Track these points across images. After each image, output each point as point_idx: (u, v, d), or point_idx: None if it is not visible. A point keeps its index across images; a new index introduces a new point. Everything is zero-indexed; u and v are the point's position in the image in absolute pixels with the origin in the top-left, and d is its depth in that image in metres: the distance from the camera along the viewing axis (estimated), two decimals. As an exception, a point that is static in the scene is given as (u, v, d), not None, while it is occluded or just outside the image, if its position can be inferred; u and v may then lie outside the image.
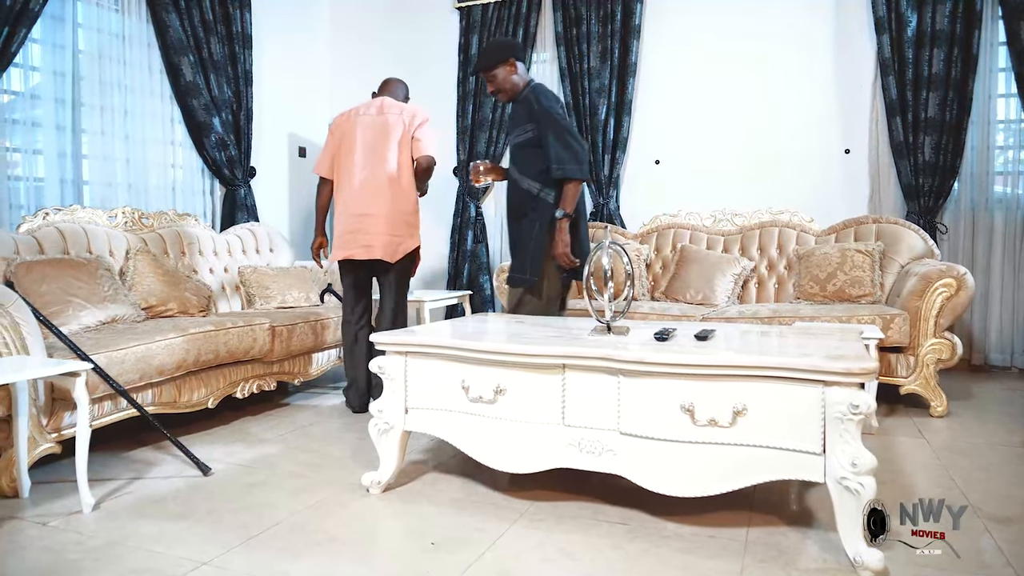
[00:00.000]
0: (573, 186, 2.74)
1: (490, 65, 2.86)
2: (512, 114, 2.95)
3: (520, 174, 2.85)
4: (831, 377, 1.66)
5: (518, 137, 2.86)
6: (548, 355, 1.94)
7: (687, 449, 1.81)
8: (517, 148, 2.87)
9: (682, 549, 1.78)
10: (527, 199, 2.83)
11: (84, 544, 1.83)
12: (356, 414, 3.18)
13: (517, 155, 2.88)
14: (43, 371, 2.01)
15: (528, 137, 2.80)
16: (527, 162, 2.82)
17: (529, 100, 2.81)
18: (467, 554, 1.76)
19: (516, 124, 2.88)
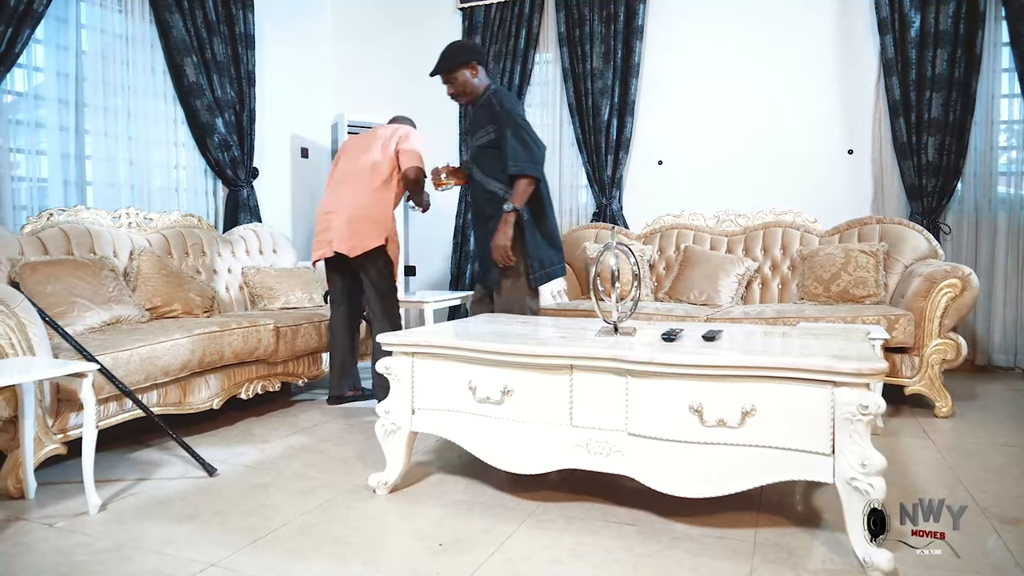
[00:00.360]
0: (526, 183, 2.76)
1: (451, 68, 2.84)
2: (473, 118, 2.93)
3: (484, 176, 2.85)
4: (840, 378, 1.66)
5: (480, 139, 2.86)
6: (556, 356, 1.94)
7: (696, 450, 1.80)
8: (480, 150, 2.86)
9: (692, 550, 1.78)
10: (493, 201, 2.83)
11: (92, 546, 1.83)
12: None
13: (480, 157, 2.87)
14: (49, 372, 2.01)
15: (491, 139, 2.81)
16: (490, 164, 2.82)
17: (491, 103, 2.83)
18: (476, 555, 1.75)
19: (478, 126, 2.87)
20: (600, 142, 4.62)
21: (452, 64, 2.85)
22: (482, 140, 2.85)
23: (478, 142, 2.87)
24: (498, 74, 4.87)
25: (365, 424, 3.02)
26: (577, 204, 4.90)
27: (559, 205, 4.91)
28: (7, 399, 2.13)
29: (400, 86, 5.29)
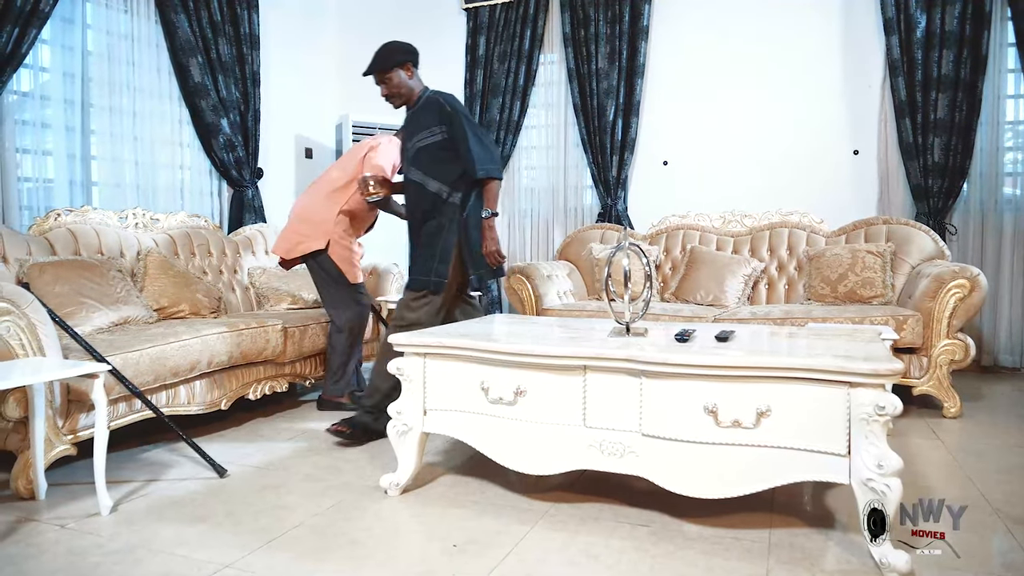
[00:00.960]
0: (496, 185, 2.76)
1: (387, 67, 2.78)
2: (412, 118, 2.86)
3: (426, 176, 2.78)
4: (857, 378, 1.65)
5: (423, 140, 2.78)
6: (570, 356, 1.94)
7: (710, 450, 1.80)
8: (423, 151, 2.78)
9: (706, 551, 1.77)
10: (434, 202, 2.77)
11: (104, 547, 1.82)
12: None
13: (421, 159, 2.79)
14: (61, 373, 2.00)
15: (436, 140, 2.75)
16: (433, 165, 2.77)
17: (437, 103, 2.78)
18: (491, 557, 1.75)
19: (420, 127, 2.80)
20: (605, 142, 4.62)
21: (387, 64, 2.79)
22: (425, 141, 2.77)
23: (420, 143, 2.79)
24: (503, 74, 4.87)
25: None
26: (582, 204, 4.90)
27: (564, 205, 4.91)
28: (18, 400, 2.12)
29: (404, 86, 5.28)
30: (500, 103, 4.88)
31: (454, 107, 2.76)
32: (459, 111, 2.76)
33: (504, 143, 4.91)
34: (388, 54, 2.80)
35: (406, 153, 2.88)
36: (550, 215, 4.96)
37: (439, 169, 2.76)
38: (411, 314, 2.75)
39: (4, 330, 2.11)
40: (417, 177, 2.81)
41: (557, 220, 4.94)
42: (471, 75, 5.00)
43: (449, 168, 2.75)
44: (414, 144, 2.81)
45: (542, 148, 4.99)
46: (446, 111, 2.74)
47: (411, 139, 2.84)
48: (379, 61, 2.81)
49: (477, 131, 2.77)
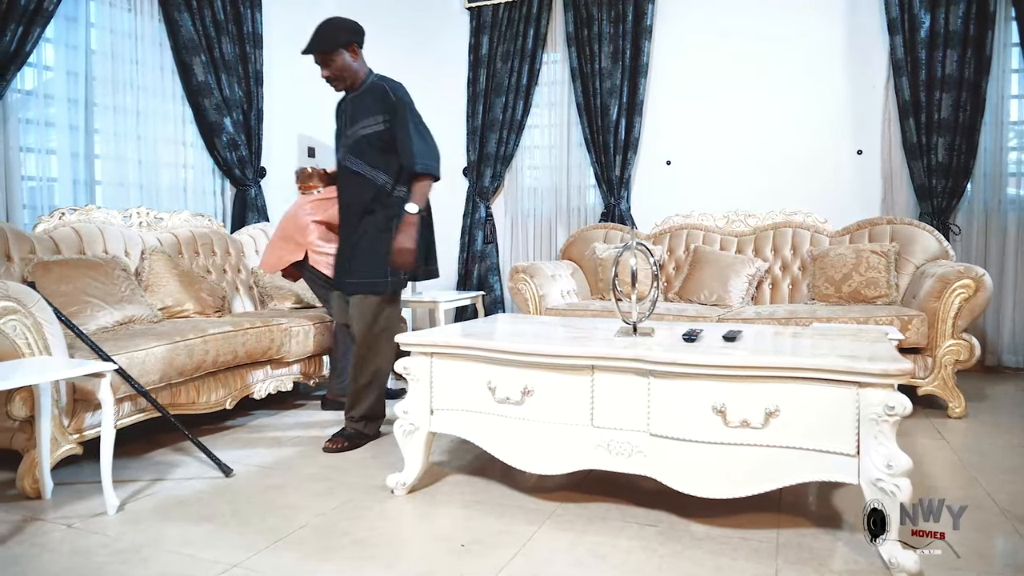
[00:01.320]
0: (429, 182, 2.60)
1: (331, 47, 2.58)
2: (353, 105, 2.67)
3: (370, 168, 2.61)
4: (866, 378, 1.65)
5: (366, 128, 2.61)
6: (578, 356, 1.93)
7: (719, 450, 1.80)
8: (364, 140, 2.61)
9: (714, 551, 1.77)
10: (377, 195, 2.61)
11: (111, 546, 1.82)
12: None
13: (363, 148, 2.62)
14: (68, 372, 2.00)
15: (380, 130, 2.59)
16: (377, 156, 2.61)
17: (384, 91, 2.63)
18: (498, 557, 1.75)
19: (364, 114, 2.62)
20: (608, 142, 4.61)
21: (331, 44, 2.58)
22: (369, 130, 2.61)
23: (363, 131, 2.61)
24: (506, 74, 4.86)
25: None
26: (585, 204, 4.89)
27: (567, 204, 4.91)
28: (24, 399, 2.12)
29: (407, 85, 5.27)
30: (503, 102, 4.87)
31: (400, 96, 2.61)
32: (405, 101, 2.61)
33: (507, 142, 4.91)
34: (332, 33, 2.60)
35: (344, 140, 2.68)
36: (553, 214, 4.96)
37: (384, 160, 2.60)
38: (377, 326, 2.63)
39: (10, 329, 2.11)
40: (359, 168, 2.62)
41: (560, 220, 4.93)
42: (474, 74, 5.00)
43: (395, 159, 2.60)
44: (356, 131, 2.63)
45: (545, 148, 4.99)
46: (390, 100, 2.60)
47: (352, 126, 2.65)
48: (322, 41, 2.60)
49: (420, 125, 2.62)
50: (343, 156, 2.70)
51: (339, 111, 2.79)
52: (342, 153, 2.71)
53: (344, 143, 2.69)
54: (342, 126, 2.73)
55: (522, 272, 3.80)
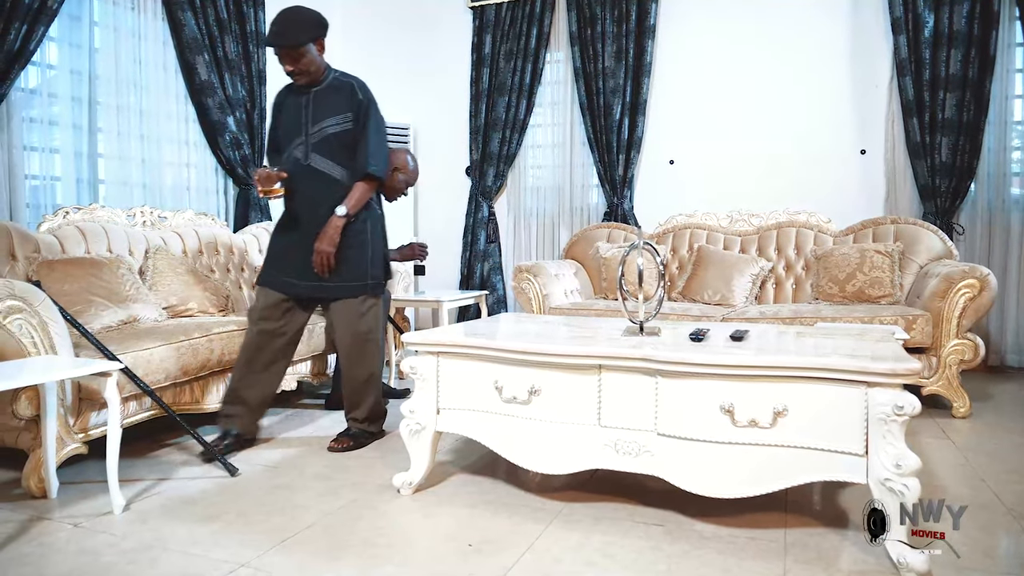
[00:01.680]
0: (373, 186, 2.57)
1: (301, 41, 2.42)
2: (319, 100, 2.54)
3: (339, 166, 2.54)
4: (875, 378, 1.65)
5: (335, 126, 2.51)
6: (585, 356, 1.93)
7: (727, 450, 1.80)
8: (333, 138, 2.52)
9: (722, 551, 1.77)
10: (346, 194, 2.54)
11: (118, 546, 1.82)
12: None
13: (330, 146, 2.53)
14: (74, 371, 2.00)
15: (348, 128, 2.52)
16: (343, 154, 2.54)
17: (350, 87, 2.56)
18: (506, 556, 1.74)
19: (331, 111, 2.52)
20: (611, 141, 4.61)
21: (302, 38, 2.42)
22: (337, 128, 2.52)
23: (331, 129, 2.51)
24: (509, 73, 4.86)
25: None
26: (587, 203, 4.89)
27: (570, 204, 4.91)
28: (30, 398, 2.11)
29: (410, 85, 5.29)
30: (506, 102, 4.87)
31: (367, 95, 2.57)
32: (371, 99, 2.57)
33: (510, 142, 4.91)
34: (302, 26, 2.44)
35: (307, 138, 2.53)
36: (556, 214, 4.95)
37: (350, 160, 2.54)
38: (364, 326, 2.59)
39: (16, 328, 2.11)
40: (325, 166, 2.53)
41: (563, 219, 4.93)
42: (477, 73, 5.00)
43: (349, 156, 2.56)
44: (322, 129, 2.52)
45: (548, 147, 4.99)
46: (358, 98, 2.54)
47: (317, 123, 2.53)
48: (291, 33, 2.42)
49: (381, 125, 2.59)
50: (304, 154, 2.54)
51: (290, 105, 2.59)
52: (302, 151, 2.54)
53: (305, 140, 2.54)
54: (301, 122, 2.54)
55: (526, 272, 3.80)
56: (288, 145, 2.57)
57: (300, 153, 2.53)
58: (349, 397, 2.68)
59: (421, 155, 5.31)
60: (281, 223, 2.68)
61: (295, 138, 2.55)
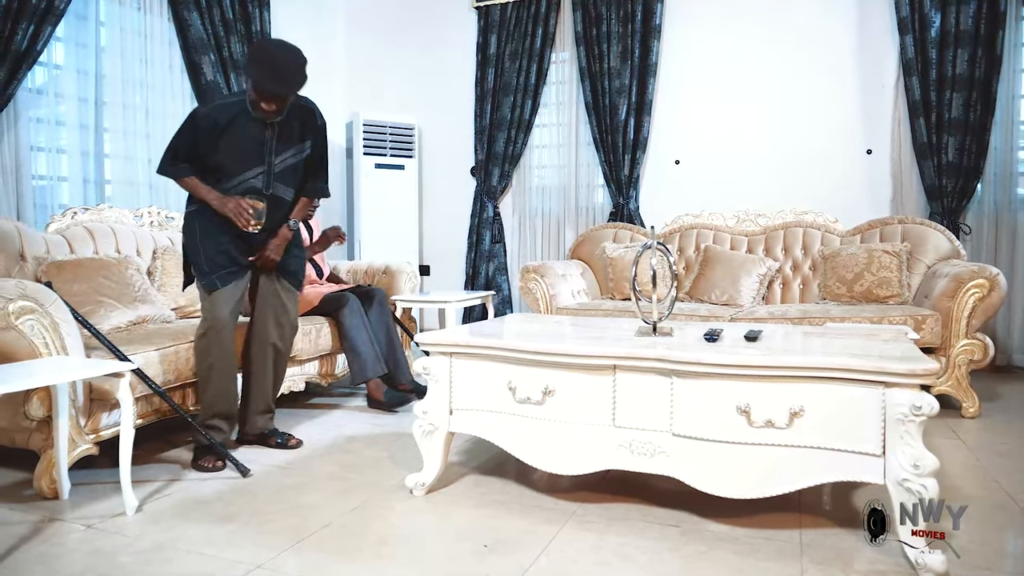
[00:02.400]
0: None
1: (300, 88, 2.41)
2: (282, 132, 2.47)
3: (292, 188, 2.57)
4: (892, 378, 1.65)
5: (295, 156, 2.52)
6: (600, 356, 1.93)
7: (743, 451, 1.79)
8: (292, 168, 2.53)
9: (739, 551, 1.77)
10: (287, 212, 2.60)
11: (133, 546, 1.81)
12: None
13: (290, 173, 2.53)
14: (87, 372, 1.99)
15: (308, 153, 2.55)
16: (298, 177, 2.58)
17: (309, 112, 2.54)
18: (522, 557, 1.74)
19: (294, 141, 2.50)
20: (617, 141, 4.61)
21: (301, 81, 2.38)
22: (298, 158, 2.53)
23: (292, 160, 2.51)
24: (514, 73, 4.86)
25: (391, 424, 3.01)
26: (592, 204, 4.89)
27: (575, 204, 4.90)
28: (41, 399, 2.11)
29: (414, 85, 5.28)
30: (511, 101, 4.87)
31: (323, 118, 2.61)
32: (325, 121, 2.63)
33: (515, 141, 4.91)
34: (303, 67, 2.39)
35: (269, 168, 2.47)
36: (561, 214, 4.95)
37: (298, 183, 2.60)
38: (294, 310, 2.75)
39: (28, 328, 2.10)
40: (283, 193, 2.54)
41: (568, 219, 4.93)
42: (482, 73, 4.99)
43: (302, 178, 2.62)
44: (284, 160, 2.49)
45: (553, 147, 4.99)
46: (318, 123, 2.58)
47: (280, 155, 2.48)
48: (300, 79, 2.37)
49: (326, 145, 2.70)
50: (265, 184, 2.48)
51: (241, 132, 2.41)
52: (263, 180, 2.47)
53: (267, 171, 2.48)
54: (263, 153, 2.45)
55: (533, 272, 3.79)
56: (238, 171, 2.44)
57: (260, 183, 2.47)
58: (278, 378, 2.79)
59: (425, 155, 5.31)
60: (213, 227, 2.49)
61: (253, 166, 2.45)
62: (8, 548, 1.80)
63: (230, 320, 2.51)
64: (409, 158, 5.07)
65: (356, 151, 4.95)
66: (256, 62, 2.34)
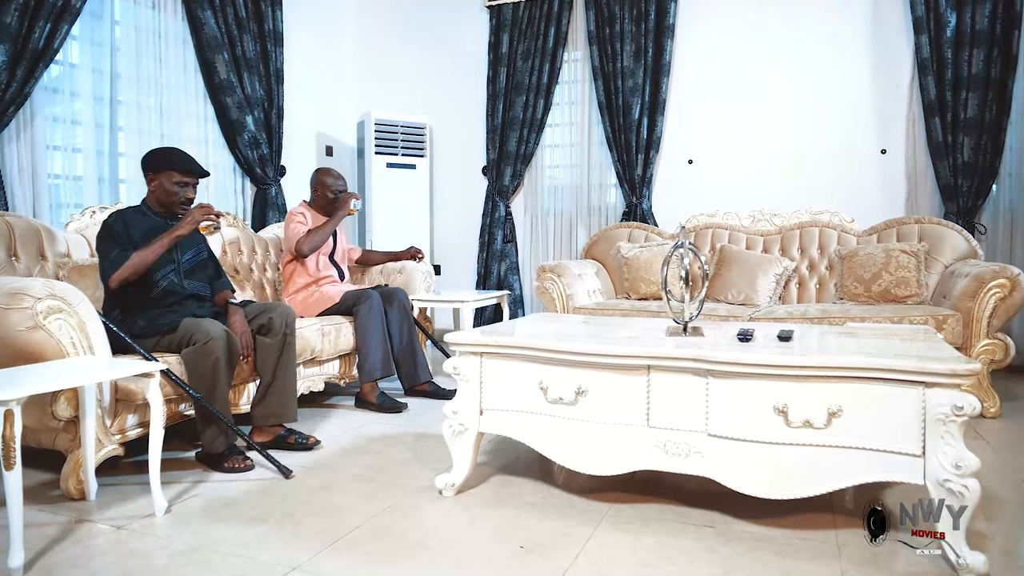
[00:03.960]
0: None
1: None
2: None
3: (207, 284, 2.72)
4: (933, 378, 1.64)
5: (199, 255, 2.70)
6: (634, 356, 1.92)
7: (780, 451, 1.79)
8: (199, 266, 2.70)
9: (777, 552, 1.76)
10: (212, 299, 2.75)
11: (168, 548, 1.80)
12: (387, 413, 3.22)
13: (199, 271, 2.70)
14: (119, 373, 1.98)
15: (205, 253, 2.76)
16: (207, 274, 2.76)
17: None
18: (560, 558, 1.73)
19: (193, 242, 2.67)
20: (631, 141, 4.60)
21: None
22: (202, 255, 2.73)
23: (197, 259, 2.69)
24: (526, 72, 4.85)
25: (414, 424, 3.00)
26: (605, 203, 4.88)
27: (587, 203, 4.89)
28: (69, 399, 2.09)
29: (426, 84, 5.27)
30: (523, 101, 4.86)
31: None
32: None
33: (527, 141, 4.90)
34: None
35: (179, 266, 2.60)
36: (573, 213, 4.94)
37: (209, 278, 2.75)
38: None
39: (56, 328, 2.08)
40: (199, 289, 2.66)
41: (580, 218, 4.92)
42: (494, 72, 4.98)
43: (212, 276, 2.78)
44: (190, 259, 2.65)
45: (565, 146, 4.98)
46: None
47: (186, 252, 2.63)
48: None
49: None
50: (179, 279, 2.59)
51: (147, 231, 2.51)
52: (176, 276, 2.58)
53: (178, 268, 2.59)
54: (172, 251, 2.54)
55: (549, 271, 3.79)
56: (157, 268, 2.51)
57: (175, 277, 2.59)
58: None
59: (437, 155, 5.30)
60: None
61: (165, 264, 2.54)
62: (41, 549, 1.79)
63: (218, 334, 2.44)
64: (421, 157, 5.05)
65: (368, 150, 4.93)
66: (159, 156, 2.59)
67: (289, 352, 2.65)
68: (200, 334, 2.37)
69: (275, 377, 2.63)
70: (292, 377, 2.68)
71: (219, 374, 2.39)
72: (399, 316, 3.38)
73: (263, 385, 2.64)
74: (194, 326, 2.41)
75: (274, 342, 2.62)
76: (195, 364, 2.35)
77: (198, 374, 2.35)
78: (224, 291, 2.75)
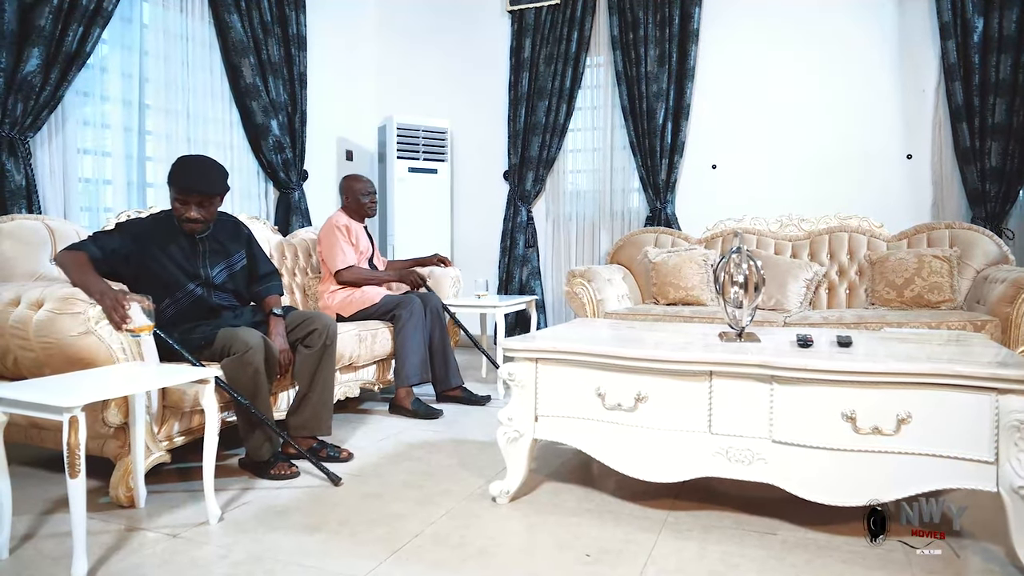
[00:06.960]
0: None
1: (222, 190, 2.47)
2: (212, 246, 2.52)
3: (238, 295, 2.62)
4: (1006, 384, 1.63)
5: (233, 266, 2.58)
6: (696, 362, 1.91)
7: (848, 457, 1.77)
8: (231, 278, 2.57)
9: (845, 560, 1.74)
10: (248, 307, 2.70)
11: (229, 557, 1.78)
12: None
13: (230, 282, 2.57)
14: (176, 380, 1.97)
15: (244, 263, 2.63)
16: (243, 282, 2.63)
17: (233, 224, 2.65)
18: (628, 567, 1.71)
19: (226, 254, 2.57)
20: (655, 146, 4.60)
21: (222, 186, 2.46)
22: (236, 267, 2.59)
23: (229, 271, 2.57)
24: (549, 77, 4.85)
25: (452, 430, 2.98)
26: (628, 208, 4.87)
27: (610, 208, 4.88)
28: (119, 406, 2.07)
29: (446, 89, 5.27)
30: (546, 106, 4.85)
31: (248, 229, 2.70)
32: (251, 232, 2.71)
33: (549, 146, 4.89)
34: (221, 175, 2.48)
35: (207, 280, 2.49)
36: (596, 218, 4.93)
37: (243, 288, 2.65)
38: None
39: (107, 334, 2.07)
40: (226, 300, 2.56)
41: (603, 223, 4.91)
42: (516, 77, 4.98)
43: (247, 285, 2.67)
44: (220, 272, 2.54)
45: (588, 151, 4.97)
46: (245, 232, 2.67)
47: (215, 267, 2.53)
48: (219, 181, 2.45)
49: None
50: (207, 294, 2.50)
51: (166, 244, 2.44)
52: (204, 291, 2.49)
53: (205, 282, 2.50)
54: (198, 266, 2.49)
55: (579, 276, 3.77)
56: (179, 281, 2.45)
57: (202, 292, 2.50)
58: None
59: (458, 159, 5.29)
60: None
61: (191, 280, 2.47)
62: (100, 558, 1.76)
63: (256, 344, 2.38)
64: (442, 162, 5.04)
65: (389, 155, 4.92)
66: (175, 169, 2.41)
67: (328, 364, 2.62)
68: (238, 344, 2.33)
69: (312, 388, 2.59)
70: (329, 389, 2.64)
71: (259, 383, 2.36)
72: (433, 321, 3.36)
73: (299, 395, 2.61)
74: (231, 336, 2.37)
75: (313, 353, 2.59)
76: (235, 374, 2.32)
77: (239, 384, 2.31)
78: (271, 296, 2.68)
